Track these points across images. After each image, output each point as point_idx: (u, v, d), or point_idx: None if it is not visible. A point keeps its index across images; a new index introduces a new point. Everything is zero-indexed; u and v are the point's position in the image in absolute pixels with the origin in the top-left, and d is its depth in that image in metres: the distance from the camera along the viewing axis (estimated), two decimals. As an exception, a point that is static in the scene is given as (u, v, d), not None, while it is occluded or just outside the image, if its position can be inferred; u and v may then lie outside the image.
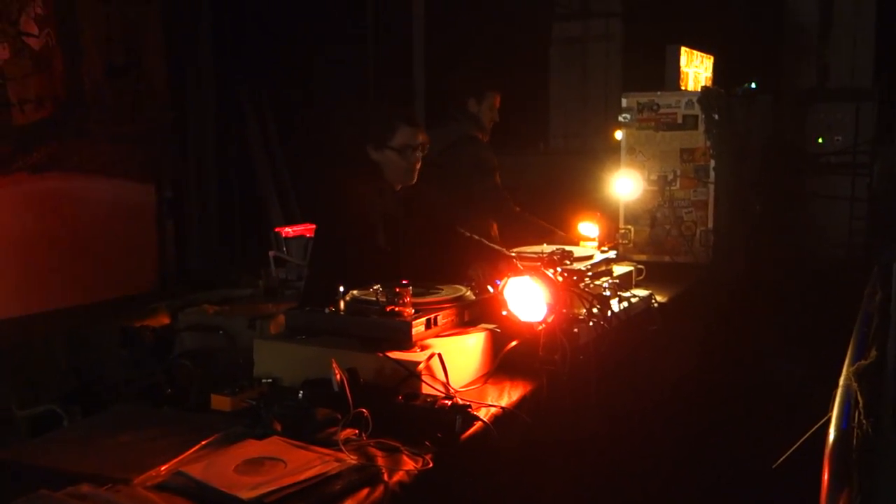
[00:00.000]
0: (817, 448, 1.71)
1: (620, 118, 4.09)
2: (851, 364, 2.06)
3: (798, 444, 1.95)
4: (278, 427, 1.80)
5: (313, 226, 3.69)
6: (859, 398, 1.83)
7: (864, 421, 1.77)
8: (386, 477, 1.61)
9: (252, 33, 5.89)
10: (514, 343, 2.27)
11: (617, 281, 2.87)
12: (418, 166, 2.93)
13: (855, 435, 1.72)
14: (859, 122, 6.80)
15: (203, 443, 1.74)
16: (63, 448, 1.81)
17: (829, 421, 1.77)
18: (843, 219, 6.75)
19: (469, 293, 2.41)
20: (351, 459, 1.65)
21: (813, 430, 1.88)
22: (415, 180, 2.95)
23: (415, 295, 2.23)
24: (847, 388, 1.89)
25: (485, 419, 1.91)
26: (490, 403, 2.04)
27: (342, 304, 2.23)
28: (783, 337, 4.78)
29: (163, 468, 1.63)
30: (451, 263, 2.67)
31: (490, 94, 4.07)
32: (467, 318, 2.33)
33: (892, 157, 6.83)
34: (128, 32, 4.97)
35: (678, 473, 3.16)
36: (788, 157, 6.55)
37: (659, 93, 4.05)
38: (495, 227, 4.00)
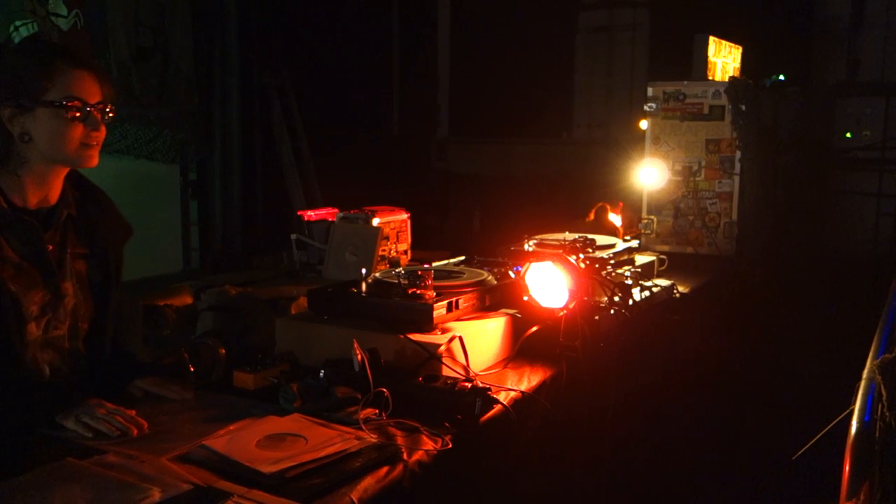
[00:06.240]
0: (838, 440, 1.70)
1: (646, 107, 4.06)
2: (875, 358, 2.04)
3: (819, 435, 1.94)
4: (299, 404, 1.82)
5: (335, 210, 3.70)
6: (883, 391, 1.81)
7: (887, 414, 1.75)
8: (405, 456, 1.62)
9: (277, 19, 5.91)
10: (534, 328, 2.28)
11: (639, 270, 2.86)
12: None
13: (878, 428, 1.71)
14: (888, 117, 6.70)
15: (231, 427, 1.73)
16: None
17: (851, 413, 1.75)
18: (869, 214, 6.66)
19: (490, 278, 2.41)
20: (371, 438, 1.66)
21: (835, 422, 1.86)
22: None
23: (437, 278, 2.24)
24: (870, 380, 1.86)
25: (504, 403, 1.92)
26: (510, 387, 2.05)
27: (364, 286, 2.25)
28: (806, 331, 4.74)
29: (187, 442, 1.65)
30: None
31: None
32: (488, 302, 2.33)
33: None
34: (156, 16, 5.00)
35: (697, 463, 3.16)
36: (816, 151, 6.47)
37: (685, 82, 4.01)
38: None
